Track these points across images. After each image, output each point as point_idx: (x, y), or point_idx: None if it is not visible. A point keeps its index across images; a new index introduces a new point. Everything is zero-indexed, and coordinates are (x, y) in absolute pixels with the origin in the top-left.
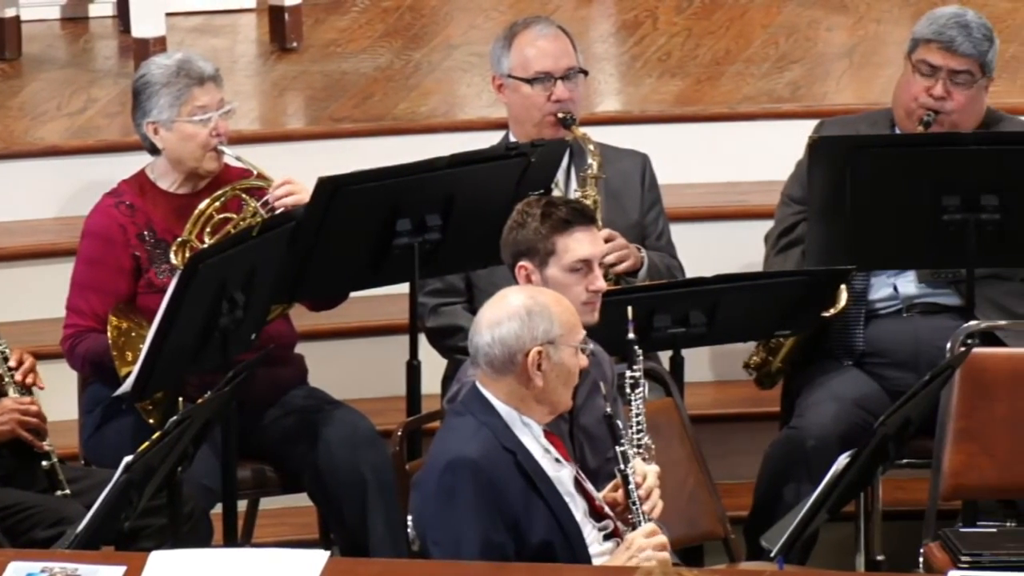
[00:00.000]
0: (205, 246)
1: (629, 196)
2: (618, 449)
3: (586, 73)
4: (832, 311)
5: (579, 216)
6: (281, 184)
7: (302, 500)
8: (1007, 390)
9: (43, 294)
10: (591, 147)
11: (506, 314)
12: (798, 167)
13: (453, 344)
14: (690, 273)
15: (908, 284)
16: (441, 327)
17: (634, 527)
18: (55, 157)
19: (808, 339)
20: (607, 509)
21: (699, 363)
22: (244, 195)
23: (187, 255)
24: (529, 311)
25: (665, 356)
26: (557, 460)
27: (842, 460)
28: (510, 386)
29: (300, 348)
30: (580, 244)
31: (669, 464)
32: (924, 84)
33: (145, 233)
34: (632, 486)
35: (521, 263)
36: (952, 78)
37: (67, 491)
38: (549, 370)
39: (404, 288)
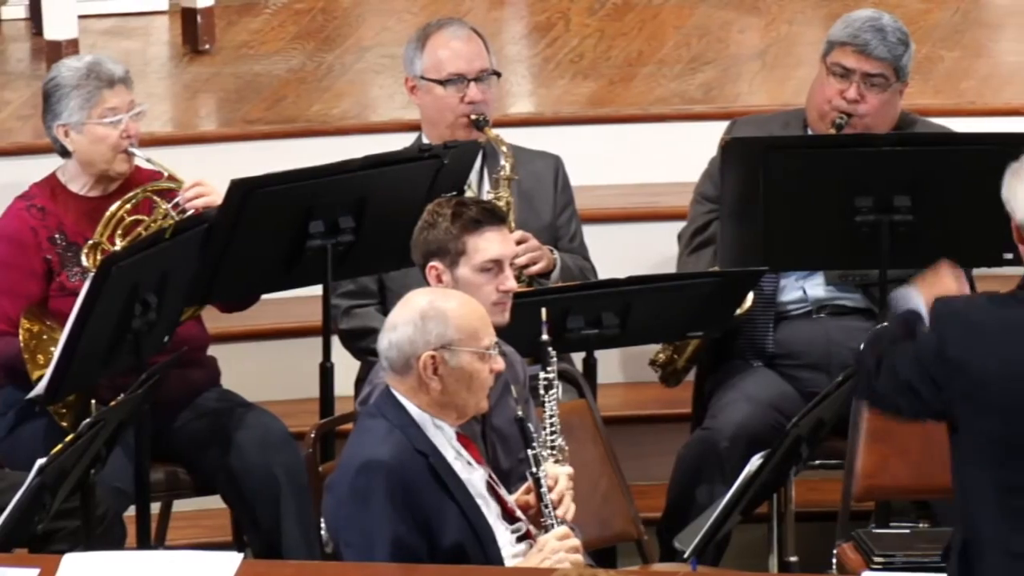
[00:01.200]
0: (117, 248)
1: (542, 198)
2: (530, 452)
3: (499, 75)
4: (738, 311)
5: (489, 216)
6: (192, 186)
7: (215, 502)
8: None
9: None
10: (504, 149)
11: (403, 318)
12: (711, 165)
13: (366, 346)
14: (603, 275)
15: (817, 287)
16: (354, 329)
17: (547, 529)
18: None
19: (714, 339)
20: (519, 512)
21: (611, 365)
22: (155, 197)
23: (99, 257)
24: (424, 315)
25: (578, 357)
26: (469, 463)
27: (755, 461)
28: (414, 389)
29: (213, 350)
30: (490, 244)
31: (582, 465)
32: (838, 87)
33: (56, 236)
34: (544, 489)
35: (432, 263)
36: (866, 81)
37: None
38: (446, 375)
39: (317, 290)
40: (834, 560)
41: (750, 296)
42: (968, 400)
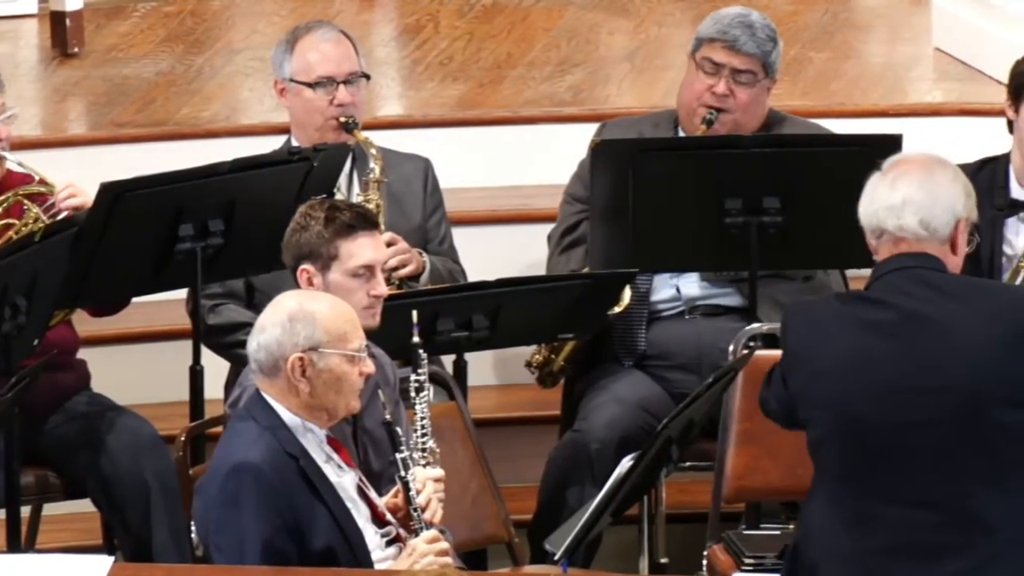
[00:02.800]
0: None
1: (411, 200)
2: (398, 456)
3: (368, 77)
4: (616, 309)
5: (363, 221)
6: (65, 187)
7: (85, 506)
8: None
9: None
10: (373, 151)
11: (272, 321)
12: (580, 166)
13: (229, 341)
14: (473, 277)
15: (691, 285)
16: (218, 324)
17: (416, 533)
18: None
19: (591, 339)
20: (389, 515)
21: (482, 367)
22: (26, 201)
23: None
24: (292, 317)
25: (448, 360)
26: (340, 466)
27: (625, 463)
28: (283, 392)
29: (82, 353)
30: (363, 249)
31: (453, 468)
32: (707, 82)
33: None
34: (413, 492)
35: (303, 267)
36: (735, 77)
37: None
38: (314, 377)
39: (187, 293)
40: (704, 561)
41: (627, 294)
42: (805, 395)
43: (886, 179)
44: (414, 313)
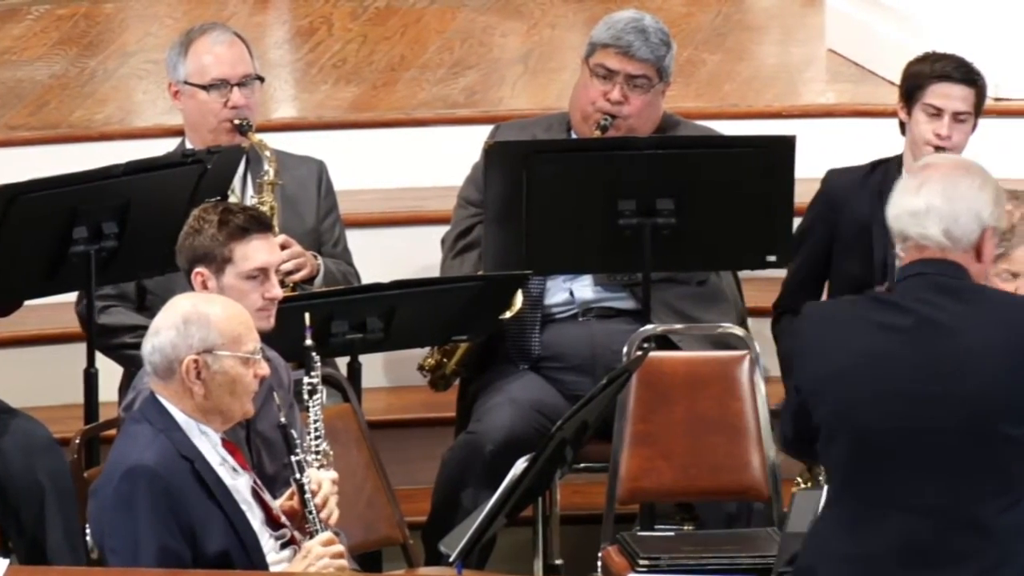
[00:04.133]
0: None
1: (305, 203)
2: (293, 459)
3: (262, 79)
4: (508, 314)
5: (256, 224)
6: None
7: None
8: (683, 394)
9: None
10: (267, 153)
11: (166, 323)
12: (474, 170)
13: (117, 343)
14: (367, 279)
15: (584, 288)
16: (106, 325)
17: (311, 535)
18: None
19: (483, 343)
20: (284, 518)
21: (376, 369)
22: None
23: None
24: (186, 320)
25: (343, 362)
26: (234, 468)
27: (520, 464)
28: (178, 394)
29: None
30: (257, 252)
31: (347, 470)
32: (601, 88)
33: None
34: (308, 495)
35: (197, 270)
36: (629, 83)
37: None
38: (209, 379)
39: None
40: (599, 563)
41: (519, 299)
42: (817, 393)
43: (912, 184)
44: (307, 315)
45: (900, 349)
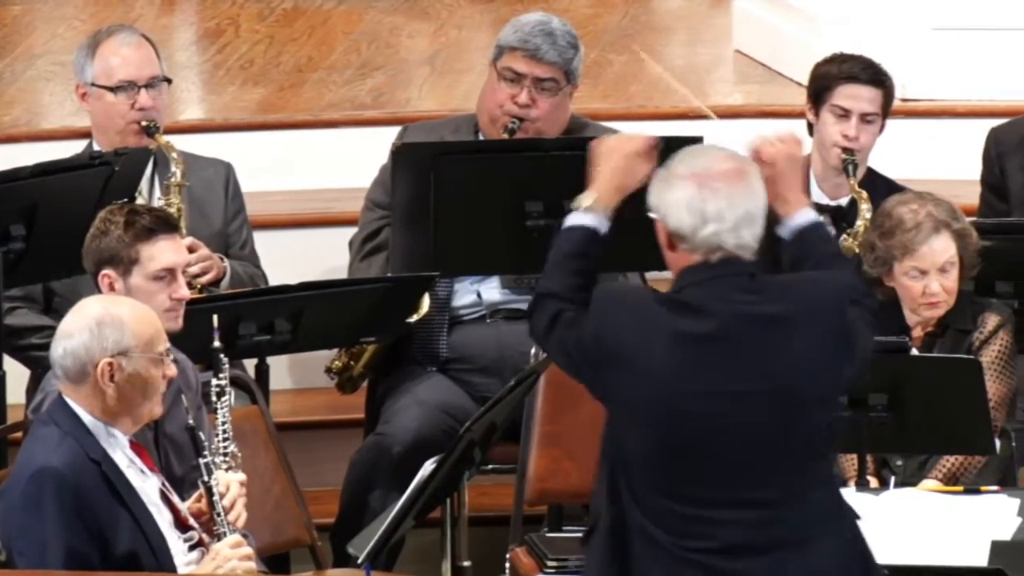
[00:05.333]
0: None
1: (212, 205)
2: (201, 461)
3: (170, 81)
4: (416, 317)
5: (163, 224)
6: None
7: None
8: (591, 395)
9: None
10: (175, 155)
11: (77, 326)
12: (382, 172)
13: (23, 344)
14: (274, 281)
15: (492, 290)
16: (15, 327)
17: (219, 537)
18: None
19: (391, 345)
20: (192, 520)
21: (283, 371)
22: None
23: None
24: (100, 322)
25: (250, 364)
26: (142, 471)
27: (428, 466)
28: (88, 397)
29: None
30: (164, 253)
31: (255, 472)
32: (509, 91)
33: None
34: (216, 497)
35: (104, 272)
36: (537, 86)
37: None
38: (123, 381)
39: None
40: (507, 564)
41: (426, 302)
42: (624, 400)
43: (714, 194)
44: (215, 317)
45: (709, 351)
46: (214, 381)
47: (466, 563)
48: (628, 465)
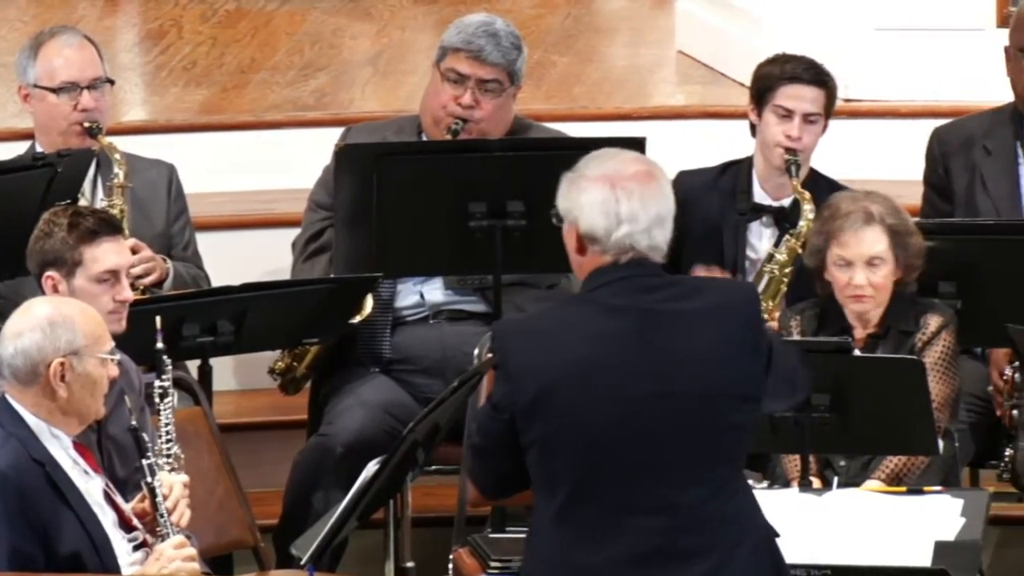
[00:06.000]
0: None
1: (155, 206)
2: (144, 462)
3: (112, 82)
4: (358, 318)
5: (106, 226)
6: None
7: None
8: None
9: None
10: (117, 156)
11: (28, 325)
12: (325, 173)
13: None
14: (217, 282)
15: (435, 291)
16: None
17: (163, 538)
18: None
19: (334, 346)
20: (136, 520)
21: (226, 372)
22: None
23: None
24: (51, 322)
25: (193, 365)
26: (86, 471)
27: (371, 467)
28: (36, 397)
29: None
30: (107, 255)
31: (198, 473)
32: (452, 93)
33: None
34: (160, 498)
35: (48, 273)
36: (480, 87)
37: None
38: (73, 381)
39: None
40: (450, 565)
41: (369, 303)
42: (535, 414)
43: (627, 195)
44: (158, 319)
45: (618, 353)
46: (157, 382)
47: (409, 564)
48: (547, 473)
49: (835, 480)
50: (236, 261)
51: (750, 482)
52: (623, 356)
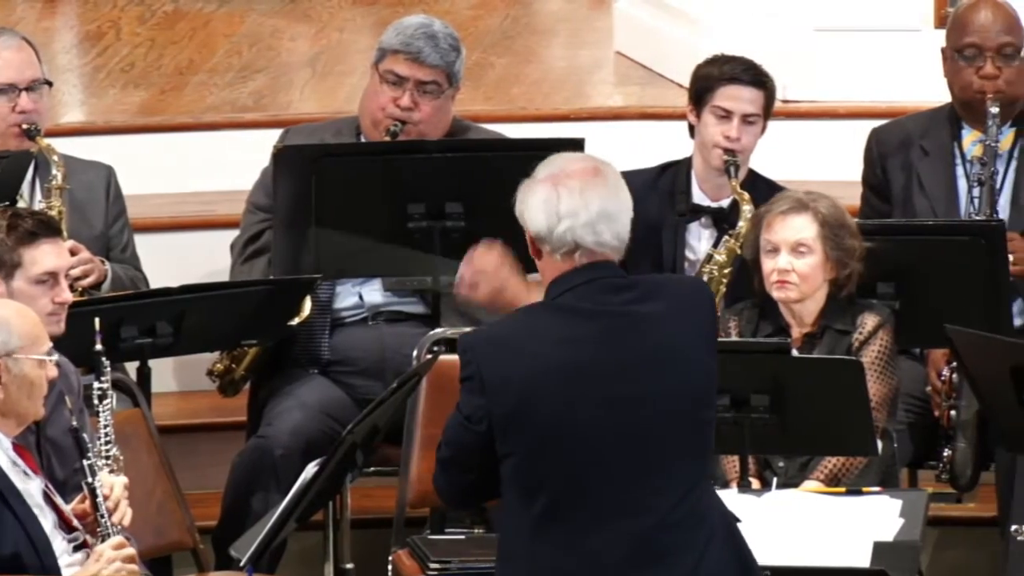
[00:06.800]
0: None
1: (94, 208)
2: (85, 462)
3: (50, 84)
4: (297, 320)
5: (45, 228)
6: None
7: None
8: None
9: None
10: (56, 158)
11: None
12: (263, 175)
13: None
14: (156, 284)
15: (374, 293)
16: None
17: (103, 539)
18: None
19: (272, 347)
20: (76, 521)
21: (165, 373)
22: None
23: None
24: None
25: (132, 367)
26: (25, 472)
27: (310, 469)
28: None
29: None
30: (46, 256)
31: (137, 475)
32: (391, 94)
33: None
34: (100, 499)
35: None
36: (419, 88)
37: None
38: (10, 382)
39: None
40: (390, 567)
41: (307, 305)
42: (511, 424)
43: (568, 191)
44: (97, 320)
45: (591, 357)
46: (96, 384)
47: (349, 565)
48: (527, 480)
49: (774, 481)
50: (175, 263)
51: None
52: (595, 359)
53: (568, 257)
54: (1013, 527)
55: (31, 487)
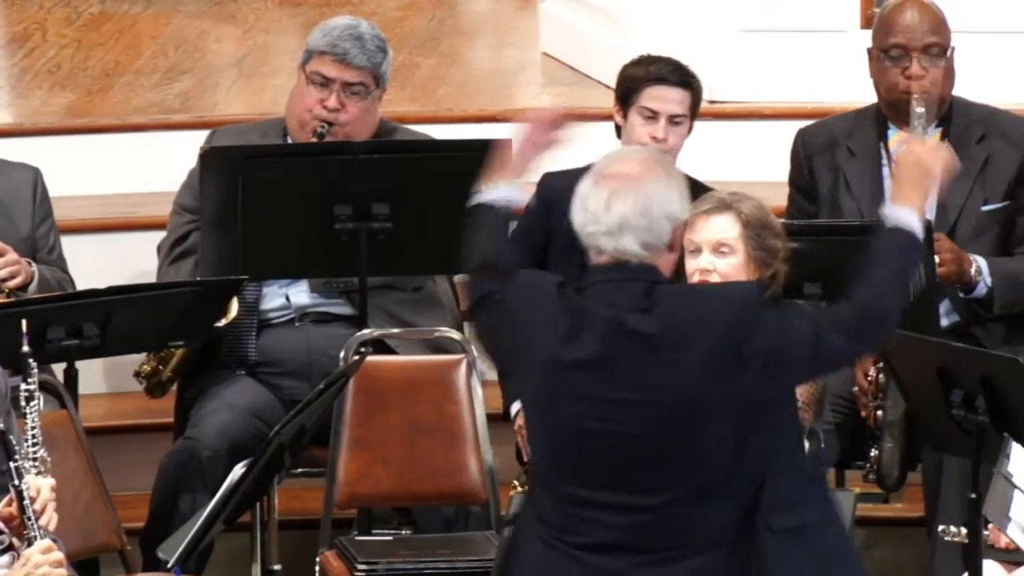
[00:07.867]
0: None
1: (20, 210)
2: (12, 465)
3: None
4: (224, 321)
5: None
6: None
7: None
8: (400, 398)
9: None
10: None
11: None
12: (190, 176)
13: None
14: (82, 285)
15: (301, 294)
16: None
17: (30, 542)
18: None
19: (199, 349)
20: (2, 524)
21: (93, 375)
22: None
23: None
24: None
25: (59, 368)
26: None
27: (238, 470)
28: None
29: None
30: None
31: (64, 477)
32: (318, 96)
33: None
34: (27, 501)
35: None
36: (346, 90)
37: None
38: None
39: None
40: (317, 568)
41: (234, 307)
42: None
43: (599, 193)
44: (24, 322)
45: (597, 358)
46: (23, 386)
47: (276, 567)
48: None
49: None
50: (101, 264)
51: None
52: (596, 360)
53: (596, 254)
54: (940, 527)
55: None
